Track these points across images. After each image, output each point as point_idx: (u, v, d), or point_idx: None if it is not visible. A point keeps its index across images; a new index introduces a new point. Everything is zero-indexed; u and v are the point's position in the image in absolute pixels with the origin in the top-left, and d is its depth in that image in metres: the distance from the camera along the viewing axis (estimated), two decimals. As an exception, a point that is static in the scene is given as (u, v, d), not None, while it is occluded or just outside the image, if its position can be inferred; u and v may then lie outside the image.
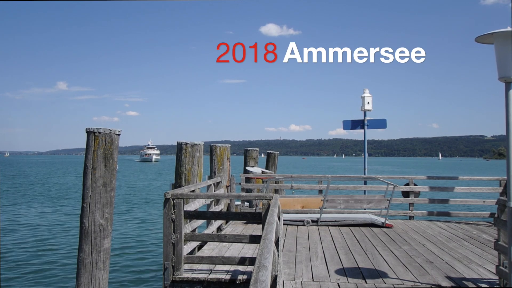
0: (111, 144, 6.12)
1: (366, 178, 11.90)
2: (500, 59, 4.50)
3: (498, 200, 5.57)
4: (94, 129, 6.07)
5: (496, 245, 5.37)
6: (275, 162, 16.39)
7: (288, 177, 12.05)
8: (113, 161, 6.15)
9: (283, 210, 9.90)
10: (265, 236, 3.28)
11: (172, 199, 5.80)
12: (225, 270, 6.03)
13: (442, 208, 15.89)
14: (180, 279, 5.75)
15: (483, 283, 5.66)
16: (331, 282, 5.68)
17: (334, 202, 10.16)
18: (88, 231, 5.91)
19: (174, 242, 5.79)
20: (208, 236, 7.04)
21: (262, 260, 2.53)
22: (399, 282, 5.71)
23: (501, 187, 10.87)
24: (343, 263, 6.71)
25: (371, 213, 10.77)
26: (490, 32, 4.52)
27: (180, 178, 8.31)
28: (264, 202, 5.67)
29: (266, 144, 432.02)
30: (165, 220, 5.83)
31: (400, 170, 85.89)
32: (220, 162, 10.15)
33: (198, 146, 8.42)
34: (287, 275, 6.01)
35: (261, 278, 2.17)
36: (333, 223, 10.11)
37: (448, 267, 6.46)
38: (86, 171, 6.00)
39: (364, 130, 13.73)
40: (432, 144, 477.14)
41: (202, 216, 7.29)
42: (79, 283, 5.86)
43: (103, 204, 5.98)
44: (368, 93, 13.56)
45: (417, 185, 11.37)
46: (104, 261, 5.98)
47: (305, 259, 6.91)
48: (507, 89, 4.43)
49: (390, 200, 9.99)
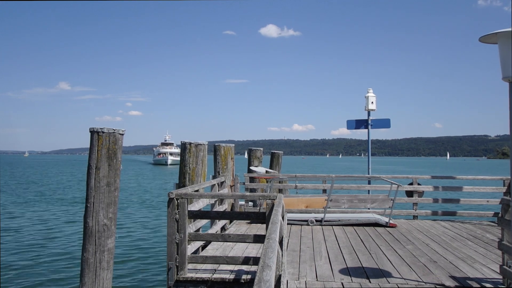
0: (115, 143, 6.13)
1: (370, 177, 11.89)
2: (504, 59, 4.49)
3: (502, 200, 5.56)
4: (98, 128, 6.09)
5: (500, 245, 5.36)
6: (279, 161, 16.41)
7: (292, 177, 12.05)
8: (117, 160, 6.17)
9: (287, 209, 9.91)
10: (269, 235, 3.29)
11: (176, 199, 5.81)
12: (229, 269, 6.03)
13: (446, 208, 15.85)
14: (184, 279, 5.75)
15: (487, 283, 5.65)
16: (335, 282, 5.68)
17: (338, 202, 10.15)
18: (92, 231, 5.92)
19: (178, 242, 5.80)
20: (212, 235, 7.05)
21: (266, 259, 2.54)
22: (403, 281, 5.71)
23: (505, 187, 10.84)
24: (347, 262, 6.71)
25: (375, 212, 10.76)
26: (494, 32, 4.51)
27: (184, 178, 8.32)
28: (268, 201, 5.66)
29: (270, 143, 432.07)
30: (169, 220, 5.83)
31: (411, 170, 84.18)
32: (224, 162, 10.15)
33: (202, 146, 8.43)
34: (291, 274, 6.01)
35: (265, 278, 2.18)
36: (337, 223, 10.10)
37: (452, 267, 6.44)
38: (90, 171, 6.01)
39: (368, 130, 13.72)
40: (436, 144, 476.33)
41: (206, 216, 7.29)
42: (83, 282, 5.88)
43: (107, 204, 6.00)
44: (372, 92, 13.55)
45: (420, 185, 11.35)
46: (108, 260, 6.00)
47: (309, 259, 6.92)
48: (511, 88, 4.42)
49: (394, 200, 9.98)
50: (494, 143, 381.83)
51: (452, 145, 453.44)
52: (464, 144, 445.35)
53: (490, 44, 4.75)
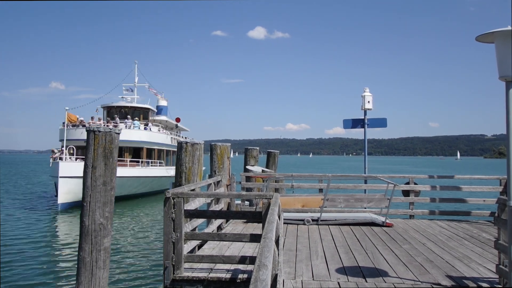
0: (111, 143, 6.12)
1: (366, 177, 11.90)
2: (501, 58, 4.49)
3: (498, 199, 5.57)
4: (94, 128, 6.07)
5: (496, 244, 5.36)
6: (275, 161, 16.41)
7: (288, 176, 12.04)
8: (113, 160, 6.15)
9: (284, 209, 9.90)
10: (266, 235, 3.28)
11: (172, 198, 5.79)
12: (225, 269, 6.02)
13: (442, 207, 15.89)
14: (180, 278, 5.74)
15: (483, 282, 5.66)
16: (332, 281, 5.68)
17: (334, 201, 10.15)
18: (88, 230, 5.91)
19: (175, 241, 5.78)
20: (209, 235, 7.04)
21: (262, 259, 2.53)
22: (400, 281, 5.71)
23: (502, 186, 10.86)
24: (343, 262, 6.71)
25: (371, 212, 10.77)
26: (491, 31, 4.50)
27: (180, 177, 8.31)
28: (265, 201, 5.66)
29: (266, 143, 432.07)
30: (165, 219, 5.82)
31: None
32: (221, 161, 10.14)
33: (198, 145, 8.42)
34: (288, 274, 6.01)
35: (262, 277, 2.17)
36: (334, 222, 10.10)
37: (448, 266, 6.45)
38: (86, 170, 5.99)
39: (364, 129, 13.74)
40: (433, 143, 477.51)
41: (202, 215, 7.28)
42: (79, 282, 5.86)
43: (103, 203, 5.99)
44: (368, 92, 13.56)
45: (417, 184, 11.36)
46: (104, 260, 5.99)
47: (306, 258, 6.91)
48: (507, 88, 4.42)
49: (390, 199, 9.99)
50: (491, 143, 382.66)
51: (448, 145, 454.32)
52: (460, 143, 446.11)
53: (487, 44, 4.75)
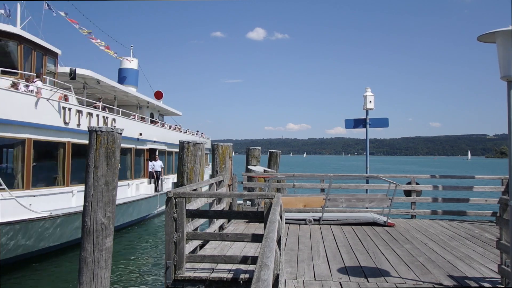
0: (113, 143, 6.12)
1: (368, 177, 11.89)
2: (502, 58, 4.48)
3: (500, 199, 5.56)
4: (96, 127, 6.08)
5: (498, 244, 5.36)
6: (277, 161, 16.42)
7: (290, 176, 12.04)
8: (115, 160, 6.16)
9: (285, 209, 9.90)
10: (267, 235, 3.28)
11: (174, 198, 5.80)
12: (227, 269, 6.03)
13: (444, 207, 15.85)
14: (182, 278, 5.75)
15: (485, 282, 5.65)
16: (333, 281, 5.68)
17: (336, 201, 10.14)
18: (90, 229, 5.91)
19: (176, 241, 5.79)
20: (210, 235, 7.04)
21: (264, 259, 2.53)
22: (401, 281, 5.71)
23: (503, 186, 10.84)
24: (345, 262, 6.71)
25: (373, 212, 10.75)
26: (492, 31, 4.50)
27: (182, 177, 8.31)
28: (266, 201, 5.66)
29: (268, 143, 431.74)
30: (167, 219, 5.82)
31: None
32: (222, 161, 10.15)
33: (200, 145, 8.42)
34: (289, 274, 6.01)
35: (263, 277, 2.18)
36: (335, 222, 10.10)
37: (450, 266, 6.45)
38: (88, 170, 6.00)
39: (366, 129, 13.72)
40: (434, 143, 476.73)
41: (204, 215, 7.29)
42: (81, 281, 5.87)
43: (105, 203, 5.99)
44: (370, 92, 13.54)
45: (419, 184, 11.35)
46: (106, 259, 5.99)
47: (307, 258, 6.91)
48: (509, 88, 4.41)
49: (392, 199, 9.98)
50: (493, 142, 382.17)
51: (450, 144, 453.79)
52: (462, 143, 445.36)
53: (489, 44, 4.74)
